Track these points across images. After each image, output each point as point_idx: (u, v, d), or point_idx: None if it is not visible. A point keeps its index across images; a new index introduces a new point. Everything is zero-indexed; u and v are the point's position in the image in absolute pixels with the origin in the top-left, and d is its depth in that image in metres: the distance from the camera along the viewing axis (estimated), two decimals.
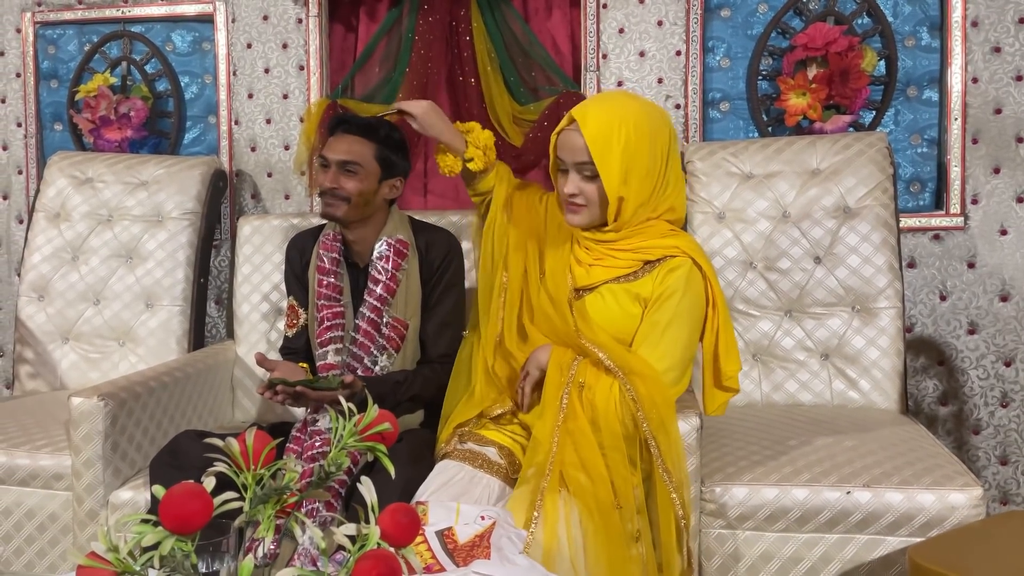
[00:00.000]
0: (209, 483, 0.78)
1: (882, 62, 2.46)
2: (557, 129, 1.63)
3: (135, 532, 0.74)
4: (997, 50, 2.39)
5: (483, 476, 1.55)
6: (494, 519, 1.29)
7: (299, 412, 2.06)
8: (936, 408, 2.47)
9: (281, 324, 2.35)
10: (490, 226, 1.82)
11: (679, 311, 1.58)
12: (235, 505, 0.80)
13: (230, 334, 2.58)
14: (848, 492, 1.66)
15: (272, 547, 1.43)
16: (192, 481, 0.78)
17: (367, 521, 0.85)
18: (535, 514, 1.36)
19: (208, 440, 0.92)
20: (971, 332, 2.43)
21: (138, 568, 0.75)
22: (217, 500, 0.77)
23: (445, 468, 1.58)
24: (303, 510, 1.57)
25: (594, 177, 1.57)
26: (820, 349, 2.21)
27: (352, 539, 0.83)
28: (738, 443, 1.89)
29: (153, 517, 0.77)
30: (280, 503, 0.87)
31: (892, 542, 1.66)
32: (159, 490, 0.77)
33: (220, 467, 0.83)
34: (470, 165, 1.81)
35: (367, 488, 0.88)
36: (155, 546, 0.74)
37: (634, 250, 1.62)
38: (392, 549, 0.83)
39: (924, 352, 2.47)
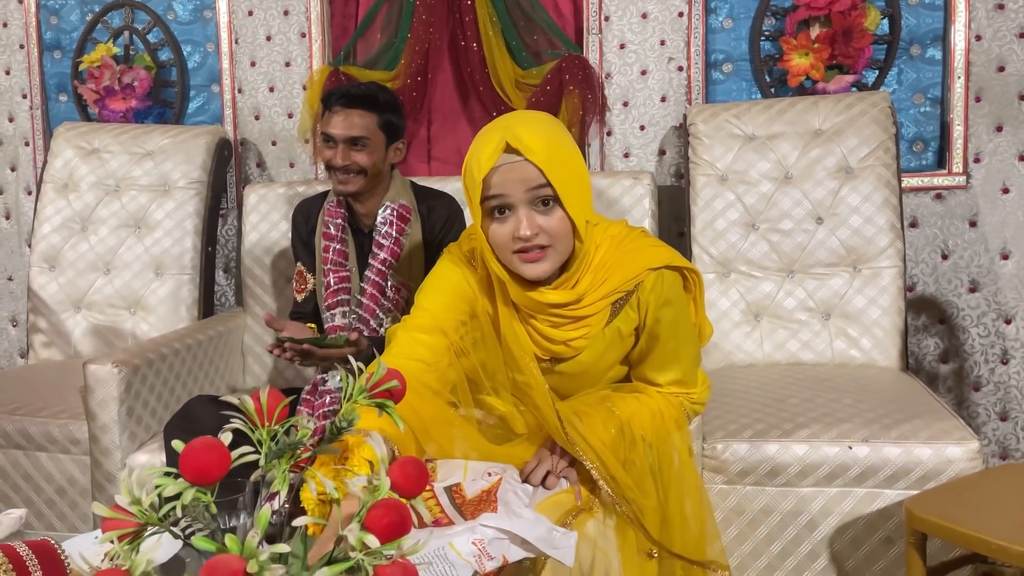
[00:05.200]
0: (226, 438, 0.81)
1: (885, 21, 2.44)
2: (482, 172, 1.29)
3: (156, 484, 0.77)
4: (1001, 7, 2.37)
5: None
6: (500, 475, 1.32)
7: (309, 374, 2.09)
8: (937, 366, 2.50)
9: (289, 291, 2.38)
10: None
11: (678, 333, 1.44)
12: (251, 458, 0.84)
13: (239, 302, 2.62)
14: (850, 447, 1.70)
15: (285, 504, 1.47)
16: (210, 435, 0.81)
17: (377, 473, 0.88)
18: (569, 519, 1.34)
19: (223, 399, 0.95)
20: (972, 290, 2.45)
21: (160, 518, 0.78)
22: (234, 453, 0.80)
23: None
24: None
25: (550, 205, 1.30)
26: (822, 309, 2.24)
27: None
28: (739, 401, 1.93)
29: (173, 470, 0.80)
30: (294, 458, 0.90)
31: (890, 495, 1.70)
32: (178, 444, 0.81)
33: (236, 423, 0.87)
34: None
35: (376, 442, 0.91)
36: (176, 496, 0.78)
37: (604, 297, 1.41)
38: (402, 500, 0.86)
39: (925, 311, 2.49)
